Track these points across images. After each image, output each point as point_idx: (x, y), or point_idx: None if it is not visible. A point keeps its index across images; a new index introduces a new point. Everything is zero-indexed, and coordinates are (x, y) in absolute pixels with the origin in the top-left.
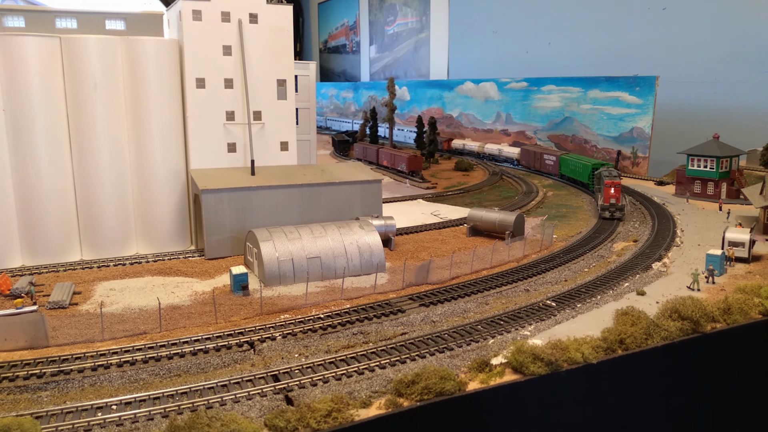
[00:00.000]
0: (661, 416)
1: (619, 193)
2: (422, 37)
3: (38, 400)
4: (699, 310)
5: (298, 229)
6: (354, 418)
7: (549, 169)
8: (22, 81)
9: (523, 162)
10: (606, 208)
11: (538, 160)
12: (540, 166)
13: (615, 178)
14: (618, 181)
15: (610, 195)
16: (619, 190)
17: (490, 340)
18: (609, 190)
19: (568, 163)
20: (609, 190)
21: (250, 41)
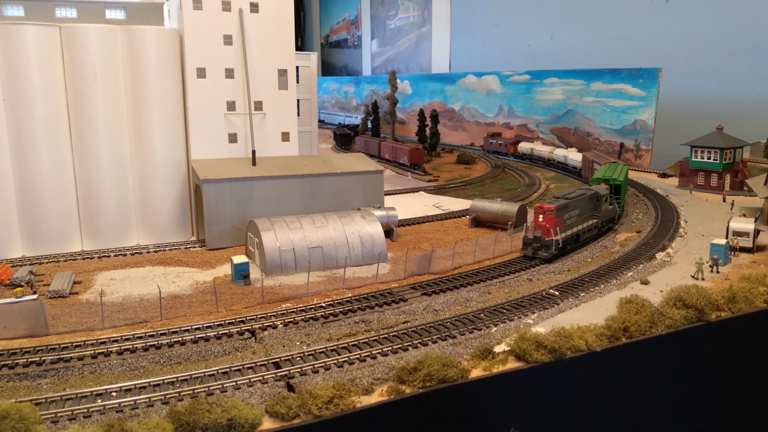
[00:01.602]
0: (664, 404)
1: (553, 225)
2: (424, 31)
3: (38, 388)
4: (704, 298)
5: (299, 218)
6: (356, 405)
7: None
8: (22, 70)
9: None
10: (528, 242)
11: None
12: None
13: (553, 203)
14: (552, 207)
15: (537, 224)
16: (553, 220)
17: (493, 328)
18: (537, 217)
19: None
20: (537, 217)
21: (251, 31)
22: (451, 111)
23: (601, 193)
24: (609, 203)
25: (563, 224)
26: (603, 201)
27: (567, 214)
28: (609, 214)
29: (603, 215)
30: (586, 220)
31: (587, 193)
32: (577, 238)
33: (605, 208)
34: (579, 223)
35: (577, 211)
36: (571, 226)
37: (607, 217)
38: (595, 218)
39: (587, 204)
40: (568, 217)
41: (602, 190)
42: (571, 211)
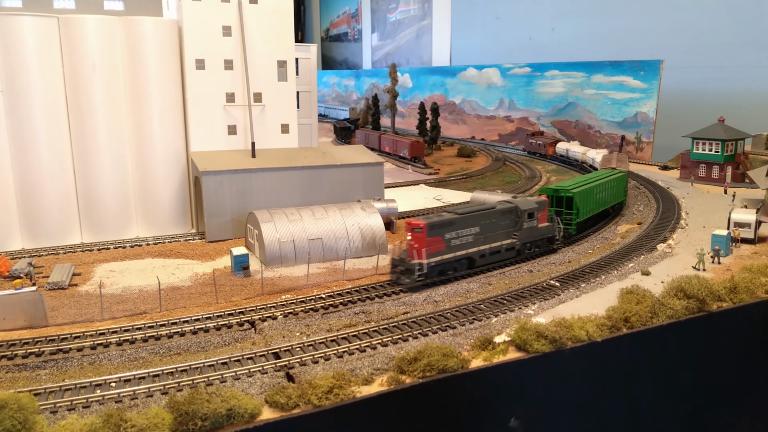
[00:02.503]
0: (665, 394)
1: (421, 246)
2: (424, 25)
3: (37, 378)
4: (705, 288)
5: (299, 210)
6: (356, 395)
7: None
8: (20, 62)
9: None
10: (395, 264)
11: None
12: None
13: (429, 218)
14: (421, 224)
15: (408, 243)
16: (422, 240)
17: (493, 318)
18: (407, 235)
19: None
20: (407, 235)
21: (250, 22)
22: (451, 104)
23: (523, 207)
24: (550, 220)
25: (442, 245)
26: (528, 218)
27: (451, 232)
28: (539, 233)
29: (526, 235)
30: (492, 240)
31: (498, 207)
32: (470, 262)
33: (532, 227)
34: (478, 243)
35: (475, 229)
36: (460, 247)
37: (535, 237)
38: (512, 238)
39: (497, 220)
40: (454, 237)
41: (527, 204)
42: (461, 228)
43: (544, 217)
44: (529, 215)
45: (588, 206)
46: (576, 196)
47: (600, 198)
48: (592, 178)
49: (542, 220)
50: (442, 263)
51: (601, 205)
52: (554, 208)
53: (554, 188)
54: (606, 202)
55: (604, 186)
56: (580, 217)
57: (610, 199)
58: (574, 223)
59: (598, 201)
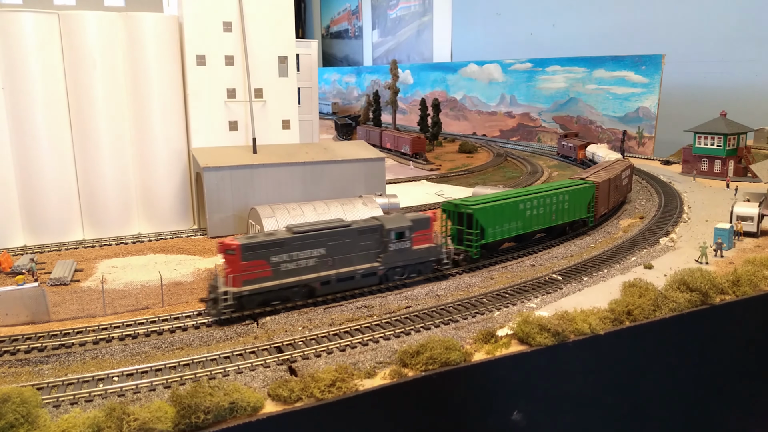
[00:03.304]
0: (668, 387)
1: (234, 270)
2: (425, 21)
3: (39, 373)
4: (708, 282)
5: (300, 206)
6: (358, 388)
7: None
8: (21, 58)
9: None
10: (210, 289)
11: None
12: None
13: (248, 239)
14: (234, 244)
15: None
16: (236, 264)
17: (496, 312)
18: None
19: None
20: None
21: (251, 17)
22: (452, 100)
23: (389, 226)
24: (435, 242)
25: (267, 270)
26: (397, 238)
27: (280, 255)
28: (415, 256)
29: (394, 259)
30: (345, 264)
31: (354, 225)
32: (310, 292)
33: (402, 249)
34: (323, 268)
35: (319, 251)
36: (295, 273)
37: (407, 261)
38: (375, 262)
39: (352, 241)
40: (286, 260)
41: (396, 222)
42: (297, 250)
43: (426, 237)
44: (398, 235)
45: (502, 225)
46: (477, 213)
47: (533, 215)
48: (531, 190)
49: (421, 241)
50: (265, 292)
51: (535, 224)
52: (456, 226)
53: (455, 203)
54: (545, 220)
55: (543, 201)
56: (487, 238)
57: (561, 216)
58: (476, 246)
59: (530, 219)
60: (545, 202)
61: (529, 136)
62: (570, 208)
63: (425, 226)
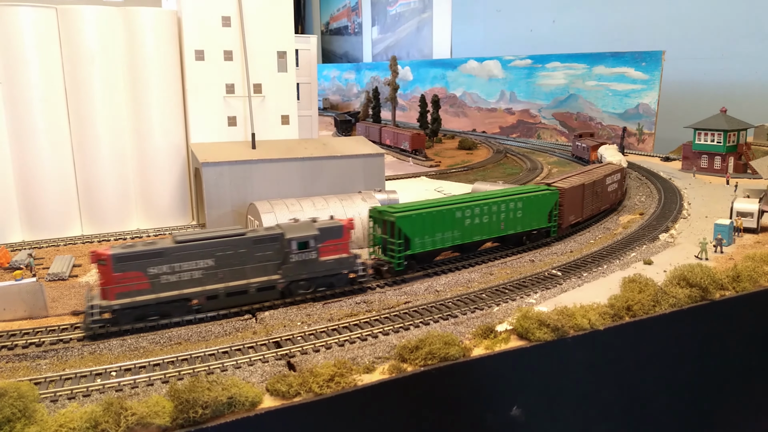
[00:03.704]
0: (668, 383)
1: (107, 282)
2: (425, 17)
3: (37, 368)
4: (708, 277)
5: (299, 201)
6: (357, 383)
7: None
8: (19, 53)
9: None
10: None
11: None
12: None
13: (124, 249)
14: (106, 255)
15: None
16: (108, 275)
17: (495, 307)
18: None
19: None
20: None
21: (250, 12)
22: (452, 97)
23: (291, 235)
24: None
25: (145, 282)
26: (300, 248)
27: (160, 266)
28: (323, 269)
29: (298, 271)
30: (238, 276)
31: (249, 234)
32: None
33: (307, 260)
34: (210, 281)
35: (207, 262)
36: (178, 285)
37: (313, 273)
38: (274, 274)
39: (247, 251)
40: (167, 272)
41: (300, 231)
42: (181, 261)
43: (339, 246)
44: (301, 245)
45: (433, 235)
46: (400, 221)
47: (475, 224)
48: (474, 197)
49: (331, 251)
50: (141, 306)
51: (478, 233)
52: (382, 235)
53: (380, 209)
54: (492, 229)
55: (488, 208)
56: (414, 248)
57: (512, 226)
58: (398, 258)
59: (470, 228)
60: (491, 209)
61: (528, 133)
62: (524, 216)
63: (337, 235)
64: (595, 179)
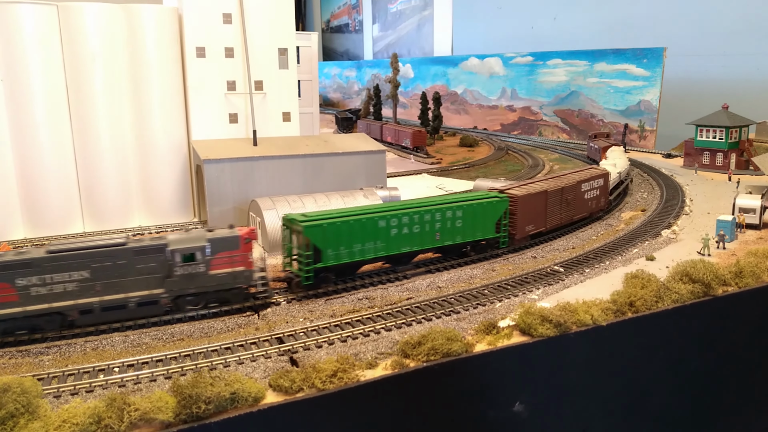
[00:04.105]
0: (670, 378)
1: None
2: (426, 15)
3: (40, 364)
4: (710, 273)
5: (301, 198)
6: (360, 379)
7: None
8: (20, 51)
9: None
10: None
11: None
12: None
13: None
14: None
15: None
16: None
17: (497, 303)
18: None
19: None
20: None
21: (251, 9)
22: (453, 94)
23: (175, 246)
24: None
25: (13, 294)
26: (187, 261)
27: (29, 277)
28: (214, 283)
29: (184, 285)
30: (116, 289)
31: (129, 245)
32: (62, 319)
33: (195, 273)
34: (85, 294)
35: (81, 274)
36: (49, 299)
37: (202, 288)
38: (159, 288)
39: (127, 262)
40: (38, 284)
41: (187, 242)
42: (52, 272)
43: (233, 259)
44: (187, 257)
45: (350, 246)
46: (308, 231)
47: (402, 234)
48: (403, 205)
49: (225, 264)
50: (9, 320)
51: (407, 245)
52: (290, 246)
53: (290, 217)
54: (424, 240)
55: (418, 217)
56: (326, 261)
57: (450, 236)
58: (305, 270)
59: (398, 238)
60: (423, 219)
61: (530, 130)
62: (466, 226)
63: (232, 247)
64: (563, 185)
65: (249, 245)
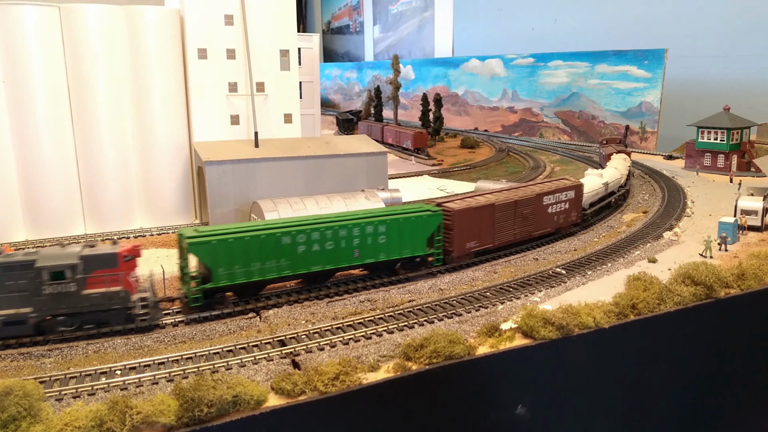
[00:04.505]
0: (673, 381)
1: None
2: (426, 16)
3: (42, 367)
4: (713, 275)
5: (303, 200)
6: (362, 381)
7: None
8: (22, 52)
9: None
10: None
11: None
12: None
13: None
14: None
15: None
16: None
17: (499, 306)
18: None
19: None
20: None
21: (252, 10)
22: (454, 95)
23: (44, 263)
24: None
25: None
26: (56, 279)
27: None
28: (89, 303)
29: (54, 305)
30: None
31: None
32: None
33: (67, 293)
34: None
35: None
36: None
37: (76, 308)
38: (24, 307)
39: None
40: None
41: (58, 259)
42: None
43: (112, 278)
44: (56, 275)
45: (248, 265)
46: (194, 248)
47: (313, 252)
48: (316, 219)
49: (102, 283)
50: None
51: (318, 262)
52: (182, 262)
53: (179, 233)
54: (340, 258)
55: (332, 233)
56: (217, 281)
57: (371, 253)
58: (192, 292)
59: (306, 256)
60: (337, 234)
61: (531, 132)
62: (390, 242)
63: (109, 265)
64: (517, 198)
65: (131, 263)
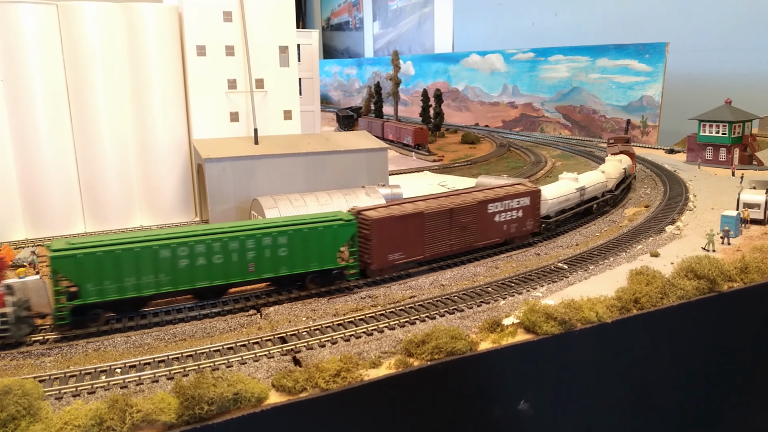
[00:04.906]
0: (676, 375)
1: None
2: (426, 12)
3: (41, 366)
4: (716, 269)
5: (303, 196)
6: (363, 378)
7: None
8: (20, 50)
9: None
10: None
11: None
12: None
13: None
14: None
15: None
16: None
17: (501, 301)
18: None
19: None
20: None
21: (251, 6)
22: (455, 91)
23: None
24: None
25: None
26: None
27: None
28: None
29: None
30: None
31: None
32: None
33: None
34: None
35: None
36: None
37: None
38: None
39: None
40: None
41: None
42: None
43: None
44: None
45: (121, 280)
46: (57, 263)
47: (198, 266)
48: (208, 229)
49: None
50: None
51: (205, 278)
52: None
53: (48, 245)
54: (232, 273)
55: (220, 246)
56: (87, 297)
57: (271, 267)
58: (58, 310)
59: (190, 271)
60: (227, 247)
61: (531, 127)
62: (294, 255)
63: None
64: (454, 206)
65: None
